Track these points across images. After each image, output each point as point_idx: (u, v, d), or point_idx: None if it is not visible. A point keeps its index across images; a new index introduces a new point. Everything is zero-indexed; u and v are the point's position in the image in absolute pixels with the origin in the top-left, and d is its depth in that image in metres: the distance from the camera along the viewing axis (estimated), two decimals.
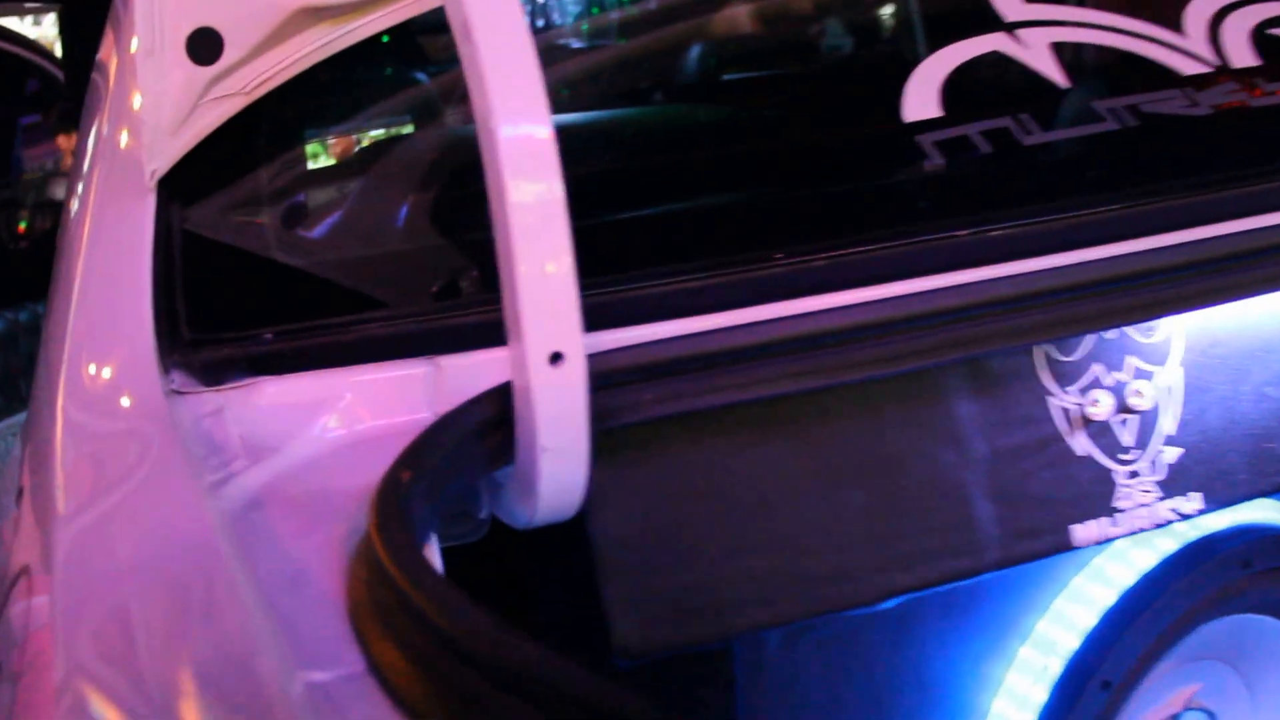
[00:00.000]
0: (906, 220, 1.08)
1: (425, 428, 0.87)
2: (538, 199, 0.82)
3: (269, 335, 1.02)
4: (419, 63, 1.38)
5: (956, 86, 1.16)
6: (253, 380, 1.00)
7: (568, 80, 1.38)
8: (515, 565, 1.13)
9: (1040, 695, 1.27)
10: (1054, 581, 1.28)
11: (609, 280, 0.99)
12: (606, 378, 0.90)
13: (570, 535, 0.97)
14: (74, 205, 1.27)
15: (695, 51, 1.49)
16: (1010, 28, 1.22)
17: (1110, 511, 1.11)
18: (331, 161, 1.27)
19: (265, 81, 1.12)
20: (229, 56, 1.11)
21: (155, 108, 1.11)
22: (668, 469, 1.00)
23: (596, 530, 0.97)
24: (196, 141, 1.12)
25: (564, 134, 0.84)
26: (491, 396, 0.89)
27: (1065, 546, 1.09)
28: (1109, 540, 1.11)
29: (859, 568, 1.03)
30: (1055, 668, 1.28)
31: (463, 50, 0.85)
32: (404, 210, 1.14)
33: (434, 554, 0.95)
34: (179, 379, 1.01)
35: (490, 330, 0.97)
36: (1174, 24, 1.26)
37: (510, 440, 0.88)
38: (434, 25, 1.13)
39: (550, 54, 1.52)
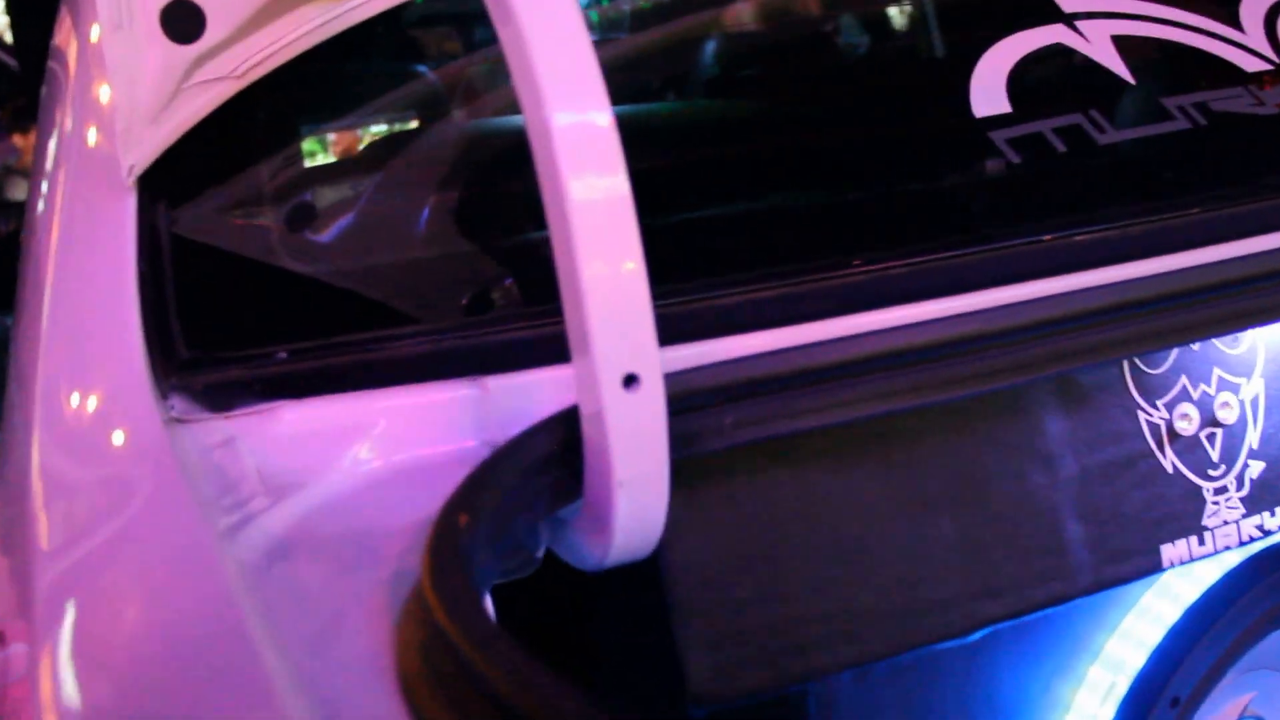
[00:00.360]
0: (987, 225, 0.95)
1: (481, 461, 0.73)
2: (602, 197, 0.68)
3: (284, 354, 0.86)
4: (443, 42, 1.22)
5: (1021, 80, 1.04)
6: (269, 405, 0.85)
7: (622, 68, 1.23)
8: (566, 599, 0.98)
9: (1108, 714, 1.16)
10: (1122, 599, 1.16)
11: (668, 291, 0.85)
12: (682, 400, 0.76)
13: (632, 569, 0.83)
14: (39, 210, 1.10)
15: (750, 44, 1.35)
16: (1069, 19, 1.10)
17: (1199, 530, 0.99)
18: (343, 156, 1.10)
19: (259, 64, 0.97)
20: (213, 34, 0.95)
21: (129, 93, 0.95)
22: (744, 498, 0.86)
23: (669, 567, 0.83)
24: (181, 132, 0.97)
25: (623, 126, 0.69)
26: (555, 424, 0.74)
27: (1155, 568, 0.97)
28: (1195, 560, 0.99)
29: (948, 598, 0.90)
30: (1123, 686, 1.16)
31: (501, 30, 0.70)
32: (438, 211, 0.98)
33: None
34: (179, 405, 0.86)
35: (543, 346, 0.84)
36: (1231, 19, 1.14)
37: (578, 473, 0.74)
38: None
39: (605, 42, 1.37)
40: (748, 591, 0.86)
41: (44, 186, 1.11)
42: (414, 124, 1.15)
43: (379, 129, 1.16)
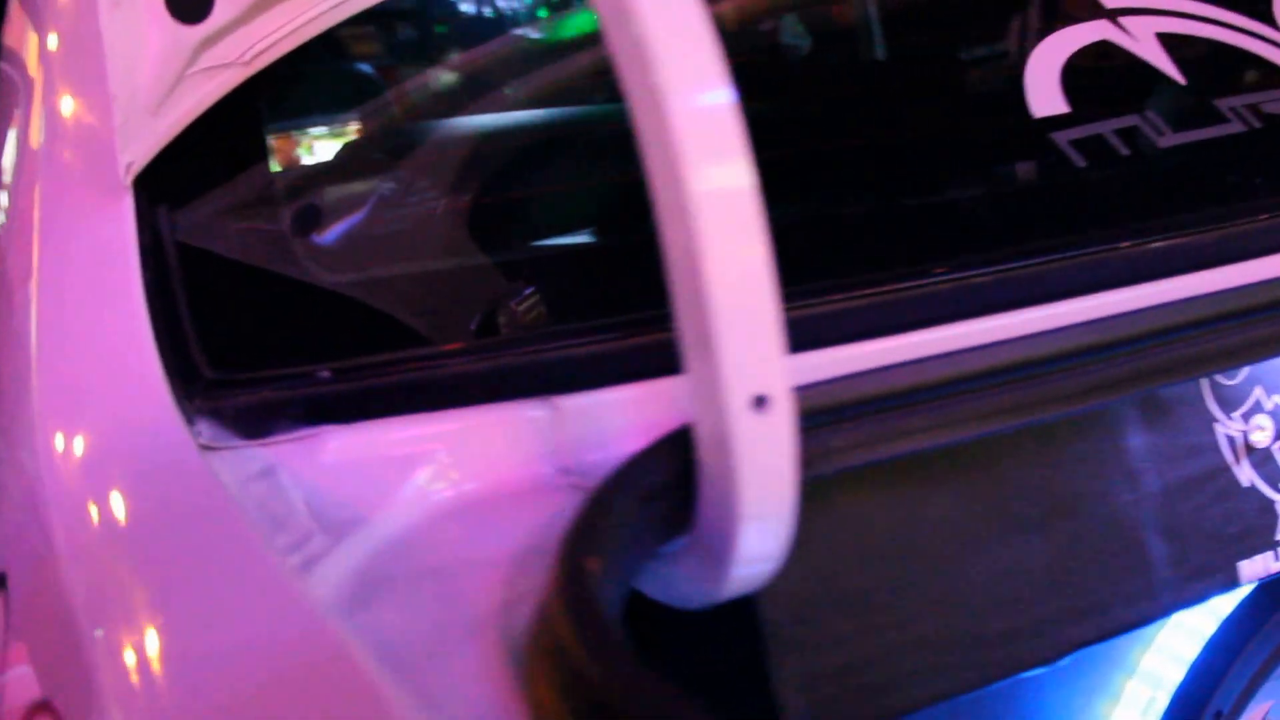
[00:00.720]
0: (1064, 231, 0.89)
1: (593, 493, 0.64)
2: (727, 187, 0.59)
3: (327, 373, 0.76)
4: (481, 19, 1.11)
5: (1074, 79, 0.98)
6: (311, 431, 0.75)
7: None
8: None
9: None
10: None
11: None
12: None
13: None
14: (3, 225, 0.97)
15: (801, 39, 1.27)
16: (1112, 15, 1.05)
17: (1273, 545, 0.95)
18: (375, 150, 0.99)
19: (268, 49, 0.86)
20: (221, 13, 0.85)
21: (129, 80, 0.84)
22: (833, 524, 0.79)
23: (767, 600, 0.75)
24: (184, 125, 0.86)
25: None
26: (665, 449, 0.66)
27: (1233, 584, 0.93)
28: (1271, 576, 0.95)
29: (1037, 624, 0.84)
30: (1162, 701, 1.12)
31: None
32: (494, 211, 0.88)
33: None
34: (206, 431, 0.75)
35: (618, 361, 0.75)
36: (1266, 17, 1.11)
37: (688, 504, 0.66)
38: None
39: None
40: (841, 624, 0.79)
41: (5, 200, 0.99)
42: (456, 113, 1.04)
43: (413, 120, 1.05)
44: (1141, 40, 1.05)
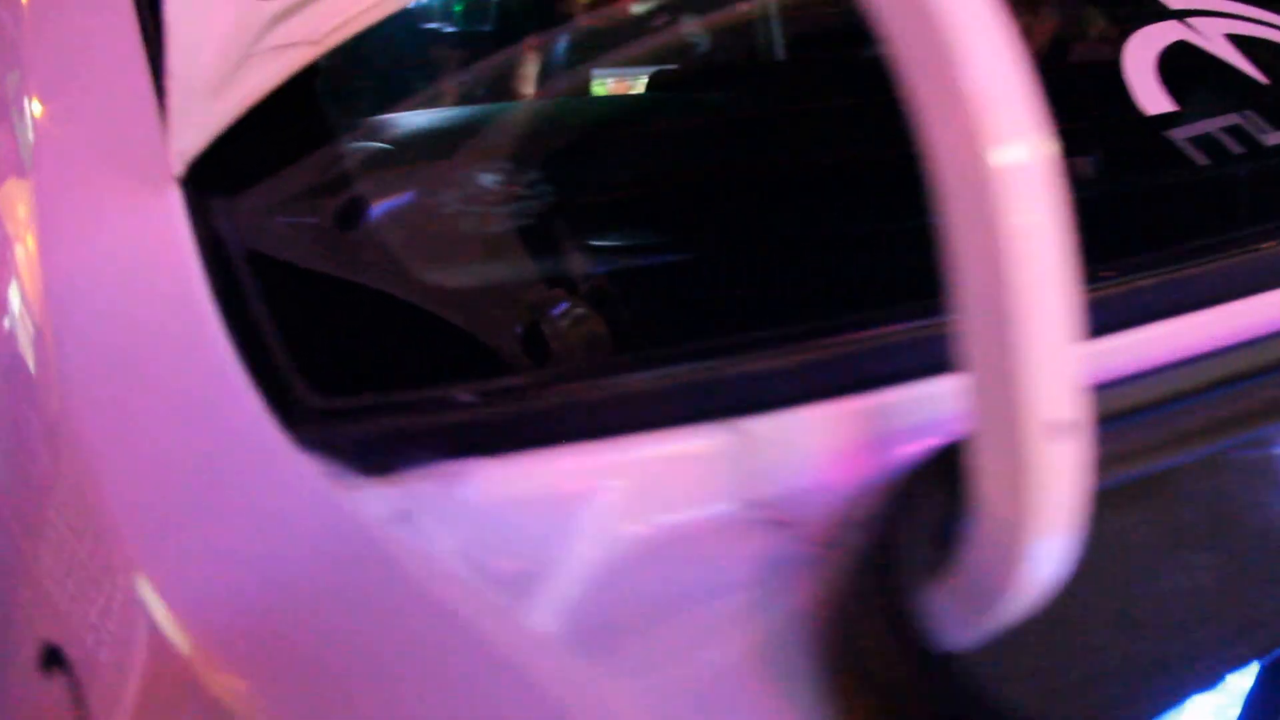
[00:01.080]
0: (1211, 231, 0.83)
1: (879, 538, 0.53)
2: (1029, 168, 0.49)
3: (469, 396, 0.62)
4: None
5: (1170, 78, 0.93)
6: (452, 464, 0.61)
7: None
8: None
9: None
10: None
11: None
12: None
13: None
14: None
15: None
16: (1180, 16, 1.01)
17: None
18: (481, 140, 0.83)
19: (343, 26, 0.72)
20: None
21: (193, 56, 0.69)
22: None
23: None
24: (244, 109, 0.72)
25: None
26: (932, 478, 0.56)
27: None
28: None
29: (1208, 644, 0.78)
30: (1234, 709, 1.08)
31: None
32: (643, 204, 0.75)
33: None
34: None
35: (810, 376, 0.65)
36: None
37: (952, 543, 0.56)
38: None
39: None
40: (1030, 653, 0.70)
41: None
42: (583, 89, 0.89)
43: (525, 99, 0.89)
44: (1214, 40, 1.01)
